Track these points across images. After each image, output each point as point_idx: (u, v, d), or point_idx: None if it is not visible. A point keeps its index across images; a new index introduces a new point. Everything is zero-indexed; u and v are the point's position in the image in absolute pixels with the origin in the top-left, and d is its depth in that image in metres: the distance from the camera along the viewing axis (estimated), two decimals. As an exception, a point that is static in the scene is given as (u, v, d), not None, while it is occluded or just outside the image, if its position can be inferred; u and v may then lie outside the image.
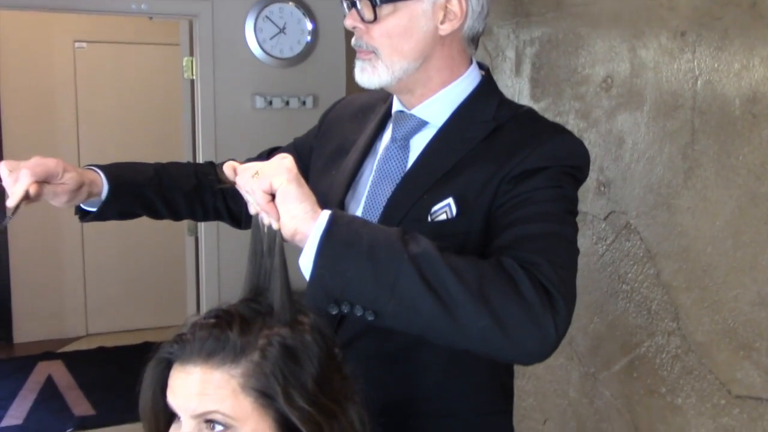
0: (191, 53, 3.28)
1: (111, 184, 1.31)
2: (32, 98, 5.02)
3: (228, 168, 0.94)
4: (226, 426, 0.85)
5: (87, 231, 5.30)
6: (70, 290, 5.29)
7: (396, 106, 1.24)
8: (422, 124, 1.20)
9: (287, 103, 3.30)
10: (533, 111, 1.21)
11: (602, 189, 1.88)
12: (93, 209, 1.33)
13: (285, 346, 0.87)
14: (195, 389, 0.85)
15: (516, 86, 2.21)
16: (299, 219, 0.91)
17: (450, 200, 1.10)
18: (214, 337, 0.86)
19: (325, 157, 1.33)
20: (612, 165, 1.85)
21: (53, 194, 1.22)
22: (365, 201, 1.21)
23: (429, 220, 1.11)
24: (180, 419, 0.89)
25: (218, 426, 0.86)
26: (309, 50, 3.35)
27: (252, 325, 0.88)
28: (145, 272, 5.34)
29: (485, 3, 1.17)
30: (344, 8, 1.16)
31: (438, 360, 1.16)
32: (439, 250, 0.92)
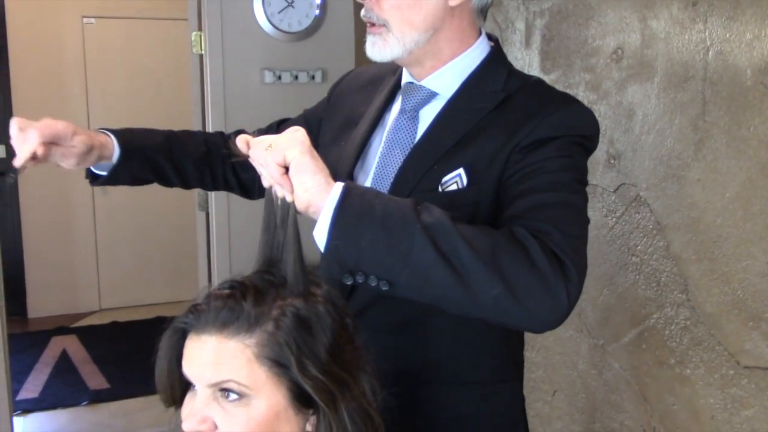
0: (200, 28, 3.26)
1: (122, 148, 1.31)
2: (41, 75, 5.03)
3: (241, 141, 0.95)
4: (241, 395, 0.87)
5: (99, 206, 5.33)
6: (83, 266, 5.33)
7: (405, 78, 1.24)
8: (432, 96, 1.20)
9: (296, 78, 3.29)
10: (542, 81, 1.21)
11: (612, 161, 1.88)
12: (103, 173, 1.33)
13: (298, 317, 0.89)
14: (210, 358, 0.87)
15: (526, 58, 2.20)
16: (313, 191, 0.91)
17: (461, 170, 1.11)
18: (229, 308, 0.88)
19: (335, 129, 1.33)
20: (622, 137, 1.85)
21: (62, 156, 1.22)
22: (374, 172, 1.21)
23: (440, 191, 1.12)
24: (195, 388, 0.91)
25: (233, 395, 0.87)
26: (317, 24, 3.33)
27: (266, 296, 0.89)
28: (157, 247, 5.37)
29: None
30: None
31: (449, 328, 1.17)
32: (452, 220, 0.93)
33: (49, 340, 4.70)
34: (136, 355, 4.12)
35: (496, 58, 1.22)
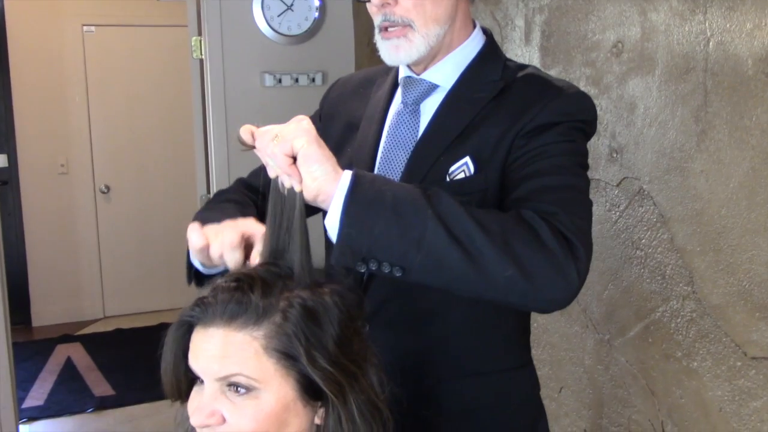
0: (199, 32, 3.27)
1: None
2: (42, 83, 5.04)
3: (245, 132, 0.94)
4: (249, 388, 0.87)
5: (102, 214, 5.33)
6: (87, 274, 5.34)
7: (404, 73, 1.24)
8: (432, 88, 1.21)
9: (296, 81, 3.29)
10: (538, 69, 1.23)
11: (614, 155, 1.88)
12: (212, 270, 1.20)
13: (306, 308, 0.88)
14: (217, 351, 0.87)
15: (526, 55, 2.20)
16: (322, 180, 0.91)
17: (467, 159, 1.12)
18: (236, 300, 0.87)
19: (335, 138, 1.32)
20: (624, 131, 1.84)
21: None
22: (378, 169, 1.21)
23: (448, 180, 1.13)
24: (201, 383, 0.90)
25: (241, 389, 0.87)
26: (317, 27, 3.34)
27: (273, 288, 0.89)
28: (160, 255, 5.37)
29: None
30: None
31: (467, 319, 1.18)
32: (462, 204, 0.94)
33: (54, 348, 4.70)
34: (141, 362, 4.12)
35: (492, 49, 1.23)
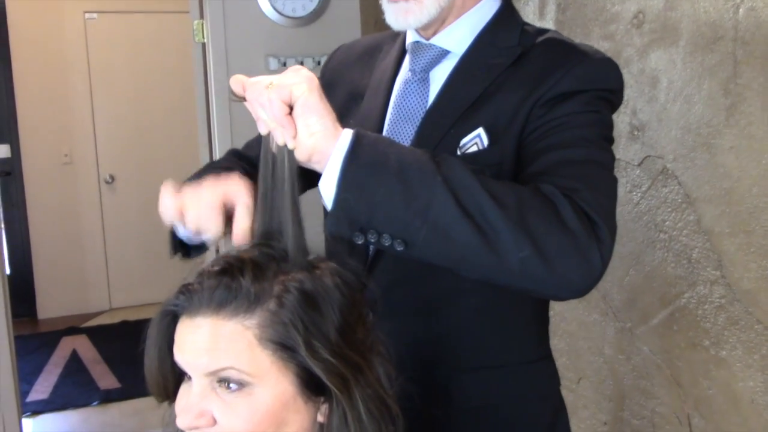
0: (201, 16, 3.19)
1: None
2: (44, 71, 5.02)
3: (236, 82, 0.85)
4: (242, 384, 0.77)
5: (106, 205, 5.31)
6: (92, 265, 5.31)
7: (411, 38, 1.14)
8: (443, 55, 1.10)
9: (302, 64, 3.21)
10: (559, 34, 1.12)
11: (636, 133, 1.78)
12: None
13: (303, 292, 0.79)
14: (205, 344, 0.77)
15: (540, 30, 2.10)
16: (319, 135, 0.82)
17: (480, 130, 1.01)
18: (225, 285, 0.78)
19: (337, 109, 1.21)
20: (646, 107, 1.74)
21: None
22: None
23: (459, 154, 1.02)
24: (189, 379, 0.81)
25: (233, 385, 0.78)
26: (322, 8, 3.25)
27: (266, 271, 0.79)
28: (166, 246, 5.30)
29: None
30: None
31: (480, 307, 1.07)
32: (475, 173, 0.84)
33: (59, 341, 4.67)
34: (147, 354, 4.07)
35: (509, 12, 1.12)
